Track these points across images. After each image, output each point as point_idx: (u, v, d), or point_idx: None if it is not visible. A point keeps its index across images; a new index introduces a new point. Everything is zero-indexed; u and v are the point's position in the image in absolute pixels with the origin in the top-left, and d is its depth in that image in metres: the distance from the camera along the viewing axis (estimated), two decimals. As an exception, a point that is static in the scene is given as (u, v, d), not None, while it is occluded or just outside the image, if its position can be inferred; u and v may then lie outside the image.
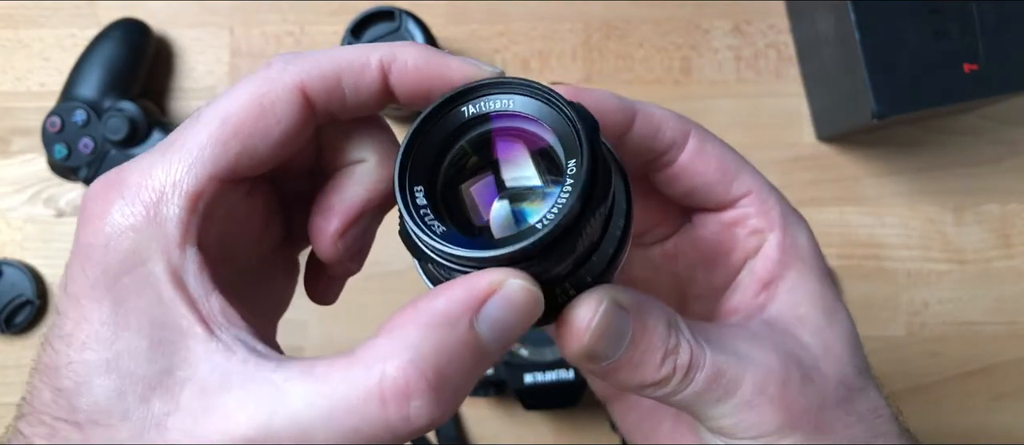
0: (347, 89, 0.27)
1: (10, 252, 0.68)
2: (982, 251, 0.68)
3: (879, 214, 0.69)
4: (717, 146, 0.31)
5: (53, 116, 0.64)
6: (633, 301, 0.27)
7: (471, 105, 0.27)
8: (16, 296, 0.66)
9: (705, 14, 0.70)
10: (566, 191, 0.25)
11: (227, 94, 0.27)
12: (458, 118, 0.27)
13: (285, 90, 0.26)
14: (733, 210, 0.31)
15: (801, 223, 0.32)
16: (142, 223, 0.25)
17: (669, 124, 0.30)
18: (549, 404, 0.63)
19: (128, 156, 0.63)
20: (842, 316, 0.31)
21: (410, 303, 0.25)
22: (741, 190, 0.31)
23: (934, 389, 0.67)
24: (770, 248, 0.31)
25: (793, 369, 0.29)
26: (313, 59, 0.27)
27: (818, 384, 0.29)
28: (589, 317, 0.26)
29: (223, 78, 0.69)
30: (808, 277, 0.31)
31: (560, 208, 0.24)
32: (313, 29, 0.70)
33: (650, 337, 0.28)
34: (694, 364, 0.28)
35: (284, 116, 0.26)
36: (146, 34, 0.67)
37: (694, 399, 0.28)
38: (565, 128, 0.26)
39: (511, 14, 0.70)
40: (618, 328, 0.27)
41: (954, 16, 0.57)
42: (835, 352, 0.30)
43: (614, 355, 0.27)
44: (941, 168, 0.69)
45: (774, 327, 0.30)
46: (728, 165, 0.31)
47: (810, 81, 0.69)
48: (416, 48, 0.27)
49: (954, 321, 0.68)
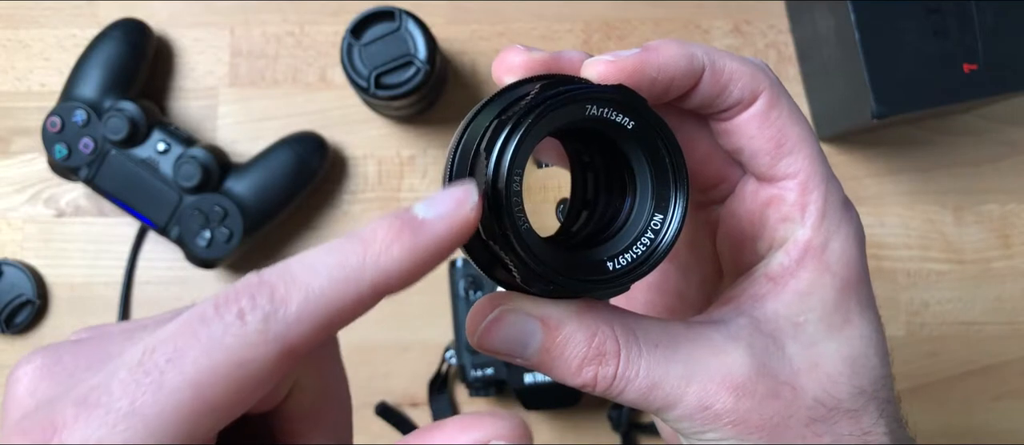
0: (335, 328, 0.23)
1: (10, 252, 0.68)
2: (982, 251, 0.68)
3: (879, 214, 0.69)
4: (784, 114, 0.29)
5: (53, 116, 0.64)
6: (544, 310, 0.27)
7: (595, 107, 0.25)
8: (16, 296, 0.66)
9: (705, 14, 0.70)
10: (672, 222, 0.26)
11: (190, 347, 0.21)
12: (578, 112, 0.25)
13: (269, 359, 0.21)
14: (772, 187, 0.29)
15: (844, 227, 0.29)
16: None
17: (740, 82, 0.28)
18: (549, 404, 0.63)
19: (128, 156, 0.63)
20: (852, 333, 0.29)
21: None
22: (788, 171, 0.29)
23: (934, 389, 0.67)
24: (792, 244, 0.29)
25: (758, 381, 0.27)
26: (298, 311, 0.22)
27: (785, 399, 0.27)
28: (481, 316, 0.27)
29: (223, 78, 0.69)
30: (825, 285, 0.29)
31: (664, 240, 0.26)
32: (313, 29, 0.70)
33: (562, 345, 0.27)
34: (622, 376, 0.27)
35: (264, 385, 0.22)
36: (146, 34, 0.67)
37: (635, 404, 0.28)
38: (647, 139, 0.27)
39: (511, 14, 0.70)
40: (517, 332, 0.27)
41: (954, 16, 0.57)
42: (824, 369, 0.28)
43: (524, 356, 0.27)
44: (941, 168, 0.69)
45: (760, 329, 0.28)
46: (786, 139, 0.29)
47: (810, 81, 0.69)
48: (400, 249, 0.23)
49: (954, 321, 0.68)
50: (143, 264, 0.68)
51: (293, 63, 0.70)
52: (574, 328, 0.27)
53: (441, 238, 0.23)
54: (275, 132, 0.67)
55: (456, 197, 0.23)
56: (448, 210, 0.23)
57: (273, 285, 0.22)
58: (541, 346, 0.27)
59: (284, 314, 0.21)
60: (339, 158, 0.69)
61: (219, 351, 0.21)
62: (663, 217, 0.26)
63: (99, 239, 0.68)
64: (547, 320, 0.27)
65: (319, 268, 0.22)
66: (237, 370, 0.21)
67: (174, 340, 0.21)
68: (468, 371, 0.63)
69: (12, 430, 0.22)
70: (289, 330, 0.21)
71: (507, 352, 0.28)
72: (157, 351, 0.21)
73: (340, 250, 0.22)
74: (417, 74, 0.61)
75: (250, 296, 0.21)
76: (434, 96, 0.68)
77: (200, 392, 0.21)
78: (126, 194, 0.64)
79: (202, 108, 0.69)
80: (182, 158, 0.63)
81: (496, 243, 0.25)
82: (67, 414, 0.21)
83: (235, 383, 0.21)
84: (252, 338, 0.21)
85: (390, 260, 0.22)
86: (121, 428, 0.20)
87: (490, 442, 0.22)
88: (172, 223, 0.64)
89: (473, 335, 0.28)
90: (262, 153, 0.66)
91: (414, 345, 0.67)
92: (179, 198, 0.63)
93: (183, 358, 0.21)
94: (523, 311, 0.27)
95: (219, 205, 0.63)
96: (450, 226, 0.23)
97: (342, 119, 0.69)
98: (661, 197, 0.26)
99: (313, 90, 0.69)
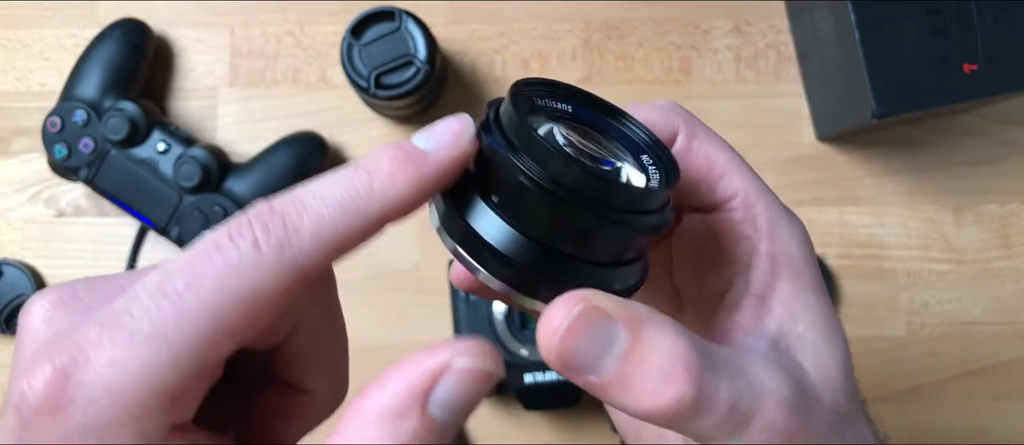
0: (343, 253, 0.23)
1: (10, 252, 0.68)
2: (982, 251, 0.68)
3: (879, 214, 0.69)
4: (706, 144, 0.30)
5: (53, 116, 0.64)
6: (625, 309, 0.24)
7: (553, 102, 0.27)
8: (16, 296, 0.66)
9: (705, 14, 0.70)
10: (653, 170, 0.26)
11: (208, 274, 0.22)
12: (528, 104, 0.26)
13: (282, 284, 0.22)
14: (720, 213, 0.30)
15: (794, 228, 0.29)
16: (116, 429, 0.21)
17: (655, 127, 0.29)
18: (549, 404, 0.63)
19: (128, 156, 0.63)
20: (839, 336, 0.29)
21: (359, 396, 0.22)
22: (727, 192, 0.29)
23: (934, 389, 0.67)
24: (760, 259, 0.29)
25: (799, 398, 0.26)
26: (311, 238, 0.22)
27: (817, 412, 0.27)
28: (561, 317, 0.23)
29: (223, 78, 0.69)
30: (803, 290, 0.29)
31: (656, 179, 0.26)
32: (313, 29, 0.70)
33: (647, 355, 0.23)
34: (708, 398, 0.23)
35: (277, 309, 0.23)
36: (146, 34, 0.67)
37: (703, 432, 0.24)
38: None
39: (511, 14, 0.70)
40: (600, 336, 0.23)
41: (954, 16, 0.57)
42: (830, 376, 0.28)
43: (600, 369, 0.23)
44: (941, 168, 0.69)
45: (778, 347, 0.28)
46: (715, 165, 0.29)
47: (810, 81, 0.69)
48: (405, 179, 0.23)
49: (954, 321, 0.68)
50: (143, 264, 0.68)
51: (293, 63, 0.70)
52: (657, 333, 0.24)
53: (442, 168, 0.24)
54: (275, 132, 0.67)
55: (454, 129, 0.24)
56: (447, 141, 0.24)
57: (285, 213, 0.23)
58: (622, 354, 0.23)
59: (297, 242, 0.22)
60: (339, 158, 0.69)
61: (235, 277, 0.22)
62: (631, 134, 0.28)
63: (99, 239, 0.68)
64: (628, 318, 0.23)
65: (328, 197, 0.23)
66: (252, 295, 0.22)
67: (191, 266, 0.22)
68: (468, 371, 0.63)
69: (36, 355, 0.22)
70: (302, 257, 0.22)
71: (584, 361, 0.23)
72: (175, 277, 0.22)
73: (348, 180, 0.23)
74: (417, 74, 0.61)
75: (263, 224, 0.22)
76: (434, 96, 0.68)
77: (218, 316, 0.22)
78: (126, 194, 0.64)
79: (202, 108, 0.69)
80: (182, 158, 0.63)
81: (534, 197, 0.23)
82: (91, 334, 0.21)
83: (250, 308, 0.22)
84: (267, 265, 0.22)
85: (396, 190, 0.23)
86: (145, 349, 0.21)
87: (453, 363, 0.22)
88: (172, 223, 0.64)
89: (550, 345, 0.23)
90: (262, 153, 0.66)
91: (414, 345, 0.67)
92: (179, 198, 0.63)
93: (201, 284, 0.22)
94: (602, 306, 0.23)
95: (219, 205, 0.63)
96: (450, 156, 0.24)
97: (342, 119, 0.69)
98: (625, 135, 0.27)
99: (313, 90, 0.69)
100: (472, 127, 0.24)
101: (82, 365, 0.21)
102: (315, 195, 0.23)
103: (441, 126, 0.24)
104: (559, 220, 0.24)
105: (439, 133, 0.24)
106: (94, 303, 0.23)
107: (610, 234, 0.24)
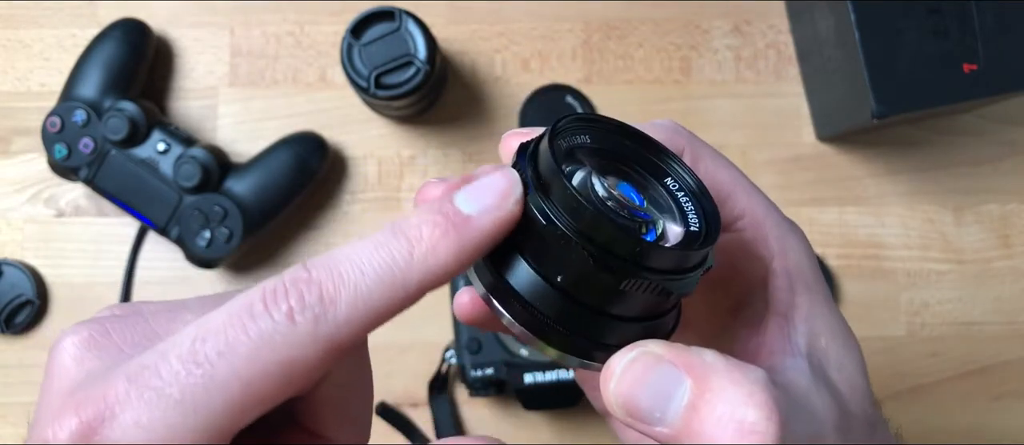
0: (378, 325, 0.23)
1: (10, 252, 0.68)
2: (982, 251, 0.68)
3: (879, 214, 0.69)
4: (709, 164, 0.29)
5: (53, 116, 0.64)
6: (686, 355, 0.23)
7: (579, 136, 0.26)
8: (16, 296, 0.66)
9: (705, 14, 0.70)
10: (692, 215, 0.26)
11: (241, 342, 0.21)
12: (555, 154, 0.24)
13: (315, 357, 0.22)
14: (729, 234, 0.29)
15: (800, 242, 0.29)
16: None
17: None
18: (549, 404, 0.63)
19: (128, 156, 0.63)
20: (855, 343, 0.29)
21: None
22: (735, 213, 0.29)
23: (934, 389, 0.67)
24: (777, 278, 0.29)
25: (842, 417, 0.26)
26: (348, 312, 0.22)
27: (854, 428, 0.27)
28: (617, 364, 0.23)
29: (223, 78, 0.69)
30: (817, 303, 0.28)
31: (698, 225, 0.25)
32: (313, 29, 0.70)
33: (718, 404, 0.22)
34: (783, 437, 0.22)
35: (309, 381, 0.23)
36: (146, 34, 0.67)
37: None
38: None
39: (511, 14, 0.70)
40: (661, 382, 0.23)
41: (953, 16, 0.57)
42: (856, 386, 0.28)
43: (667, 419, 0.23)
44: (941, 168, 0.69)
45: (813, 364, 0.27)
46: (721, 186, 0.29)
47: (810, 81, 0.69)
48: (446, 248, 0.22)
49: (954, 321, 0.68)
50: (143, 264, 0.68)
51: (293, 63, 0.70)
52: (725, 380, 0.23)
53: (486, 234, 0.23)
54: (275, 132, 0.67)
55: (500, 190, 0.23)
56: (493, 204, 0.23)
57: (322, 284, 0.22)
58: (688, 404, 0.23)
59: (333, 315, 0.22)
60: (339, 158, 0.69)
61: (268, 349, 0.21)
62: (668, 177, 0.27)
63: (99, 239, 0.68)
64: (690, 364, 0.23)
65: (366, 268, 0.22)
66: (285, 367, 0.21)
67: (225, 332, 0.21)
68: (468, 371, 0.63)
69: (64, 402, 0.22)
70: (337, 330, 0.22)
71: (648, 411, 0.23)
72: (208, 342, 0.21)
73: (387, 248, 0.22)
74: (417, 74, 0.61)
75: (299, 295, 0.22)
76: (434, 96, 0.68)
77: (249, 387, 0.21)
78: (126, 194, 0.64)
79: (202, 108, 0.69)
80: (182, 158, 0.63)
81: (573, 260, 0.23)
82: (119, 390, 0.21)
83: (282, 380, 0.22)
84: (302, 338, 0.21)
85: (437, 260, 0.22)
86: (172, 414, 0.21)
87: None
88: (172, 223, 0.64)
89: (607, 392, 0.23)
90: (262, 153, 0.66)
91: (414, 345, 0.67)
92: (179, 198, 0.63)
93: (234, 353, 0.21)
94: (660, 354, 0.23)
95: (219, 205, 0.63)
96: (495, 221, 0.23)
97: (342, 119, 0.69)
98: (651, 167, 0.27)
99: (313, 90, 0.69)
100: (519, 186, 0.23)
101: (108, 422, 0.21)
102: (353, 264, 0.22)
103: (486, 184, 0.23)
104: (601, 286, 0.23)
105: (484, 193, 0.23)
106: (125, 346, 0.23)
107: (645, 298, 0.24)
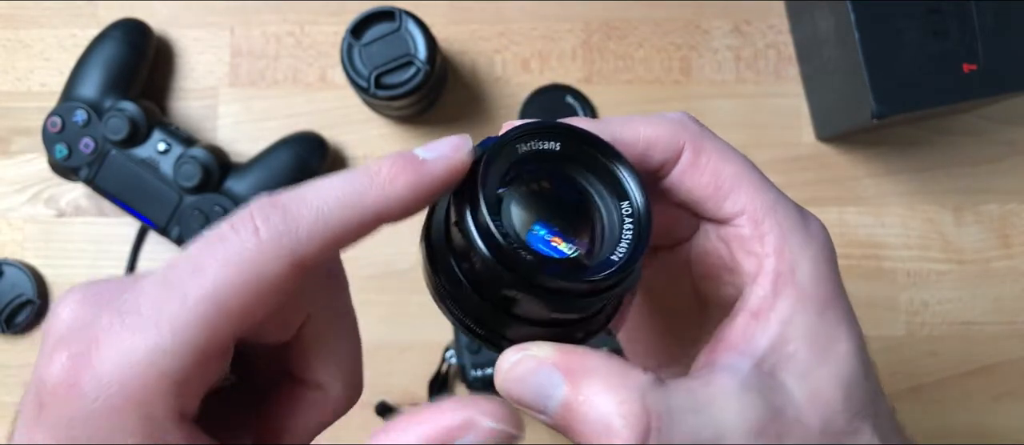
0: (340, 246, 0.25)
1: (10, 252, 0.68)
2: (981, 251, 0.68)
3: (878, 214, 0.69)
4: (713, 158, 0.29)
5: (53, 116, 0.64)
6: (569, 359, 0.25)
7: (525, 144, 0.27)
8: (17, 296, 0.66)
9: (705, 14, 0.70)
10: (628, 233, 0.26)
11: (210, 262, 0.23)
12: (512, 154, 0.27)
13: (281, 271, 0.23)
14: (729, 227, 0.29)
15: (808, 244, 0.29)
16: (123, 412, 0.23)
17: (659, 144, 0.29)
18: (549, 404, 0.63)
19: (129, 156, 0.63)
20: (840, 354, 0.28)
21: (374, 436, 0.24)
22: (734, 209, 0.29)
23: (934, 389, 0.67)
24: (763, 275, 0.29)
25: (769, 424, 0.26)
26: (309, 229, 0.24)
27: (794, 435, 0.27)
28: (504, 362, 0.26)
29: (223, 78, 0.69)
30: (803, 308, 0.28)
31: (627, 248, 0.26)
32: (313, 29, 0.70)
33: (587, 407, 0.25)
34: (640, 437, 0.24)
35: (277, 296, 0.24)
36: (146, 34, 0.67)
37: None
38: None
39: (511, 14, 0.70)
40: (542, 382, 0.26)
41: (953, 16, 0.57)
42: (824, 397, 0.27)
43: (548, 412, 0.26)
44: (941, 168, 0.69)
45: (761, 368, 0.28)
46: (723, 181, 0.29)
47: (810, 81, 0.69)
48: (403, 182, 0.25)
49: (954, 321, 0.68)
50: (143, 264, 0.68)
51: (293, 63, 0.70)
52: (600, 385, 0.25)
53: (439, 177, 0.25)
54: (275, 132, 0.67)
55: (453, 143, 0.26)
56: (445, 153, 0.25)
57: (285, 205, 0.24)
58: (563, 402, 0.25)
59: (296, 231, 0.24)
60: (339, 158, 0.69)
61: (236, 264, 0.23)
62: (627, 200, 0.27)
63: (99, 239, 0.68)
64: (570, 368, 0.25)
65: (328, 192, 0.24)
66: (253, 281, 0.23)
67: (194, 256, 0.24)
68: (468, 371, 0.63)
69: (56, 344, 0.24)
70: (300, 246, 0.24)
71: (530, 405, 0.26)
72: (179, 266, 0.23)
73: (349, 178, 0.25)
74: (417, 74, 0.61)
75: (264, 215, 0.24)
76: (434, 96, 0.68)
77: (220, 302, 0.23)
78: (126, 194, 0.64)
79: (202, 108, 0.69)
80: (182, 158, 0.63)
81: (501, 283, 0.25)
82: (103, 323, 0.23)
83: (251, 293, 0.23)
84: (266, 252, 0.23)
85: (393, 190, 0.25)
86: (151, 335, 0.23)
87: (477, 421, 0.24)
88: (172, 223, 0.64)
89: (496, 384, 0.27)
90: (262, 153, 0.66)
91: (414, 345, 0.67)
92: (179, 198, 0.63)
93: (203, 273, 0.23)
94: (542, 357, 0.26)
95: (219, 205, 0.63)
96: (447, 166, 0.25)
97: (342, 119, 0.69)
98: (614, 186, 0.27)
99: (313, 90, 0.69)
100: (470, 144, 0.26)
101: (94, 352, 0.23)
102: (316, 190, 0.24)
103: (442, 140, 0.26)
104: (503, 298, 0.26)
105: (438, 146, 0.26)
106: (113, 296, 0.25)
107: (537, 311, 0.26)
